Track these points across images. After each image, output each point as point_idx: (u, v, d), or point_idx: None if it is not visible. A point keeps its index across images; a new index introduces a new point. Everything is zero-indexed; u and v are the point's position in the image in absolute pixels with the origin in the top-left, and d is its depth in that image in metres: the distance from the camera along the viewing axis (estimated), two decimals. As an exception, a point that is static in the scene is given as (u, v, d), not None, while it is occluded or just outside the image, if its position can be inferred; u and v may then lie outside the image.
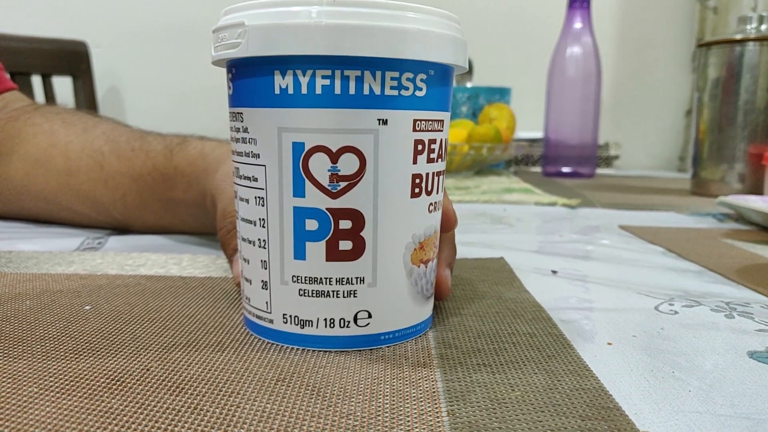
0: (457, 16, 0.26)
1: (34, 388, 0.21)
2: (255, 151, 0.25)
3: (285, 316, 0.26)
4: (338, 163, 0.24)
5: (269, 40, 0.23)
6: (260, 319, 0.27)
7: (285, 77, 0.23)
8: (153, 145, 0.47)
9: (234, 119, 0.26)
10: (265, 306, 0.26)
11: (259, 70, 0.24)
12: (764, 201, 0.61)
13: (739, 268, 0.42)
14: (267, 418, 0.20)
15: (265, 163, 0.25)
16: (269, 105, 0.24)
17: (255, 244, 0.26)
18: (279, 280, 0.25)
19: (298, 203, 0.24)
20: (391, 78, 0.24)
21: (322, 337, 0.25)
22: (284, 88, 0.24)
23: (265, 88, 0.24)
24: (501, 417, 0.20)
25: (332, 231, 0.24)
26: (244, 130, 0.25)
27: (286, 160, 0.24)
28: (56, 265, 0.39)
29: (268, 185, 0.25)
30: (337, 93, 0.23)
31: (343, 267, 0.25)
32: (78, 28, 1.26)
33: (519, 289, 0.36)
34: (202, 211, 0.43)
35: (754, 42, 0.80)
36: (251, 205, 0.26)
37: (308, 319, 0.25)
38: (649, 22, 1.39)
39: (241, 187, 0.26)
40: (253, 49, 0.23)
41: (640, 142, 1.41)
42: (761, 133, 0.81)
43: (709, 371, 0.25)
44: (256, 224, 0.26)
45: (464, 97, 1.11)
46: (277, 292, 0.26)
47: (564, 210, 0.70)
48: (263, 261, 0.26)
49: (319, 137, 0.24)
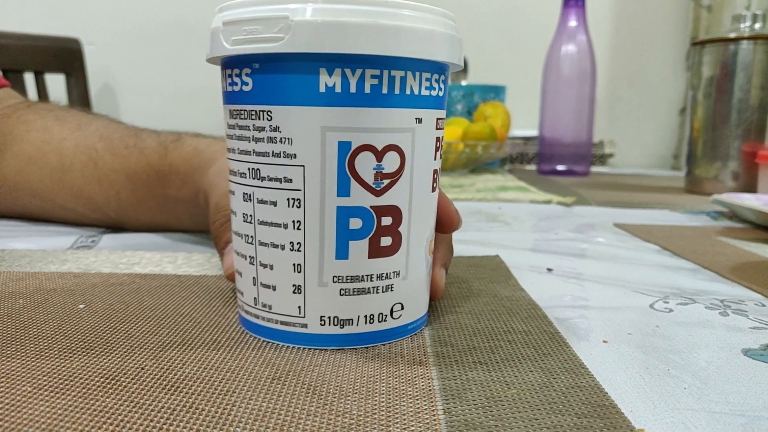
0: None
1: (27, 387, 0.21)
2: (289, 151, 0.24)
3: (323, 318, 0.25)
4: (383, 161, 0.24)
5: (320, 36, 0.22)
6: (287, 325, 0.25)
7: (332, 75, 0.23)
8: (147, 142, 0.47)
9: (253, 117, 0.24)
10: (296, 311, 0.25)
11: (299, 67, 0.23)
12: (758, 199, 0.62)
13: (733, 265, 0.43)
14: (263, 416, 0.20)
15: (304, 163, 0.24)
16: (311, 104, 0.23)
17: (284, 248, 0.25)
18: (317, 282, 0.25)
19: (342, 203, 0.24)
20: (425, 79, 0.25)
21: (361, 335, 0.26)
22: (331, 86, 0.23)
23: (306, 86, 0.23)
24: (497, 415, 0.20)
25: (375, 228, 0.25)
26: (273, 129, 0.24)
27: (331, 160, 0.24)
28: (50, 263, 0.39)
29: (307, 186, 0.24)
30: (384, 93, 0.24)
31: (384, 263, 0.25)
32: (71, 25, 1.26)
33: (514, 287, 0.36)
34: (196, 208, 0.43)
35: (748, 40, 0.80)
36: (280, 207, 0.24)
37: (348, 318, 0.25)
38: (644, 21, 1.39)
39: (260, 189, 0.25)
40: (300, 45, 0.22)
41: (634, 140, 1.41)
42: (755, 131, 0.81)
43: (704, 368, 0.25)
44: (288, 227, 0.24)
45: (459, 95, 1.11)
46: (313, 295, 0.25)
47: (559, 208, 0.70)
48: (297, 264, 0.25)
49: (366, 136, 0.24)
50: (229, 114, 0.26)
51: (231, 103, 0.25)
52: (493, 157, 1.00)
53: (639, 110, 1.41)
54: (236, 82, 0.25)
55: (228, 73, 0.25)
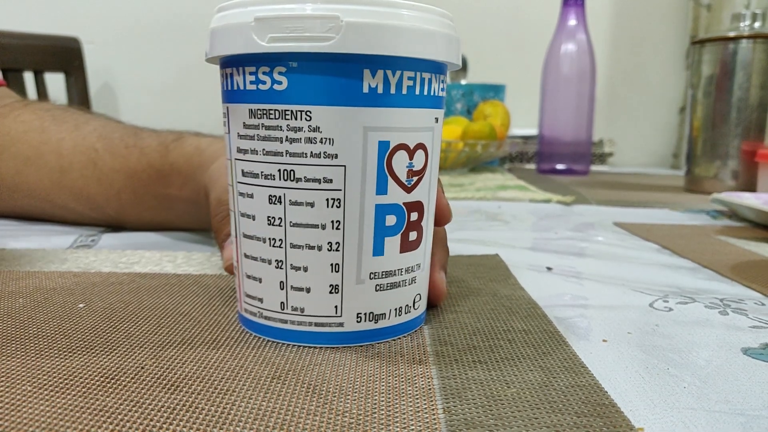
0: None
1: (27, 387, 0.21)
2: (330, 152, 0.24)
3: (359, 315, 0.26)
4: (413, 159, 0.25)
5: (370, 38, 0.23)
6: (322, 326, 0.25)
7: (375, 77, 0.24)
8: (147, 141, 0.47)
9: (287, 117, 0.24)
10: (333, 311, 0.25)
11: (344, 68, 0.23)
12: (757, 198, 0.62)
13: (733, 264, 0.43)
14: (262, 416, 0.20)
15: (346, 163, 0.24)
16: (354, 104, 0.23)
17: (321, 249, 0.25)
18: (354, 280, 0.25)
19: (381, 200, 0.25)
20: (441, 80, 0.26)
21: (392, 327, 0.27)
22: (374, 87, 0.24)
23: (351, 86, 0.23)
24: (497, 414, 0.20)
25: (405, 224, 0.26)
26: (313, 129, 0.24)
27: (371, 160, 0.24)
28: (49, 262, 0.39)
29: (347, 185, 0.24)
30: (417, 93, 0.25)
31: (411, 256, 0.27)
32: (71, 24, 1.26)
33: (514, 286, 0.36)
34: (198, 207, 0.43)
35: (747, 39, 0.80)
36: (318, 208, 0.24)
37: (382, 312, 0.26)
38: (644, 20, 1.39)
39: (294, 191, 0.24)
40: (351, 46, 0.23)
41: (634, 139, 1.41)
42: (754, 130, 0.81)
43: (703, 367, 0.25)
44: (326, 227, 0.24)
45: (459, 94, 1.11)
46: (351, 293, 0.25)
47: (558, 207, 0.70)
48: (334, 264, 0.25)
49: (401, 135, 0.25)
50: (247, 113, 0.25)
51: (255, 102, 0.24)
52: (492, 156, 1.00)
53: (638, 109, 1.41)
54: (264, 81, 0.24)
55: (250, 71, 0.24)
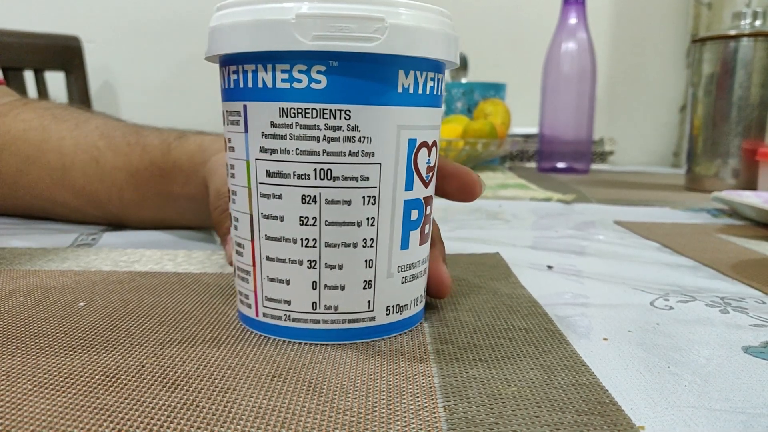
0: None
1: (28, 385, 0.21)
2: (368, 150, 0.24)
3: (388, 308, 0.27)
4: (430, 155, 0.27)
5: (411, 40, 0.24)
6: (355, 322, 0.26)
7: (408, 77, 0.25)
8: (150, 139, 0.47)
9: (326, 116, 0.24)
10: (366, 306, 0.26)
11: (382, 68, 0.24)
12: (758, 196, 0.62)
13: (733, 263, 0.43)
14: (263, 414, 0.20)
15: (381, 161, 0.25)
16: (390, 103, 0.24)
17: (356, 246, 0.25)
18: (385, 275, 0.26)
19: (408, 196, 0.26)
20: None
21: (412, 317, 0.28)
22: (406, 87, 0.25)
23: (387, 86, 0.24)
24: (498, 412, 0.20)
25: (424, 217, 0.27)
26: (352, 128, 0.24)
27: (402, 157, 0.25)
28: (50, 261, 0.39)
29: (382, 183, 0.25)
30: (435, 94, 0.26)
31: (424, 248, 0.28)
32: (71, 23, 1.26)
33: (515, 284, 0.36)
34: (201, 204, 0.43)
35: (748, 38, 0.80)
36: (355, 206, 0.25)
37: (405, 303, 0.27)
38: (644, 18, 1.39)
39: (331, 189, 0.24)
40: (394, 47, 0.23)
41: (634, 138, 1.41)
42: (755, 128, 0.81)
43: (704, 366, 0.25)
44: (362, 224, 0.25)
45: (459, 92, 1.11)
46: (382, 287, 0.26)
47: (559, 205, 0.70)
48: (368, 260, 0.25)
49: (425, 133, 0.26)
50: (277, 112, 0.24)
51: (287, 100, 0.24)
52: (493, 154, 1.00)
53: (639, 108, 1.41)
54: (300, 79, 0.24)
55: (282, 68, 0.24)
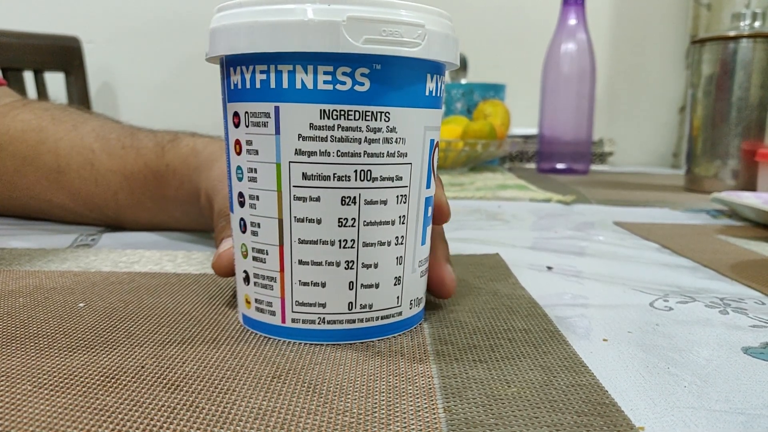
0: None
1: (27, 386, 0.21)
2: (402, 151, 0.25)
3: (411, 302, 0.28)
4: (437, 155, 0.28)
5: (442, 46, 0.25)
6: (386, 318, 0.27)
7: (433, 80, 0.26)
8: (144, 142, 0.47)
9: (368, 118, 0.24)
10: (395, 302, 0.27)
11: (414, 72, 0.25)
12: (758, 197, 0.62)
13: (733, 264, 0.43)
14: (263, 415, 0.20)
15: (412, 161, 0.26)
16: (420, 105, 0.26)
17: (390, 244, 0.26)
18: (411, 270, 0.27)
19: (427, 193, 0.27)
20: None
21: (423, 309, 0.29)
22: (431, 90, 0.26)
23: (418, 89, 0.25)
24: (497, 413, 0.20)
25: (430, 213, 0.28)
26: (390, 129, 0.25)
27: (426, 156, 0.26)
28: (49, 262, 0.39)
29: (411, 182, 0.26)
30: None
31: (429, 244, 0.29)
32: (71, 23, 1.26)
33: (514, 285, 0.36)
34: (194, 208, 0.43)
35: (747, 39, 0.80)
36: (390, 205, 0.26)
37: (421, 296, 0.29)
38: (644, 19, 1.39)
39: (370, 190, 0.25)
40: (432, 53, 0.25)
41: (634, 139, 1.41)
42: (755, 129, 0.81)
43: (704, 367, 0.25)
44: (395, 223, 0.26)
45: (459, 93, 1.11)
46: (408, 282, 0.27)
47: (559, 206, 0.70)
48: (399, 257, 0.26)
49: (437, 134, 0.27)
50: (318, 114, 0.24)
51: (330, 102, 0.24)
52: (492, 155, 1.00)
53: (638, 108, 1.41)
54: (344, 81, 0.24)
55: (325, 70, 0.24)
